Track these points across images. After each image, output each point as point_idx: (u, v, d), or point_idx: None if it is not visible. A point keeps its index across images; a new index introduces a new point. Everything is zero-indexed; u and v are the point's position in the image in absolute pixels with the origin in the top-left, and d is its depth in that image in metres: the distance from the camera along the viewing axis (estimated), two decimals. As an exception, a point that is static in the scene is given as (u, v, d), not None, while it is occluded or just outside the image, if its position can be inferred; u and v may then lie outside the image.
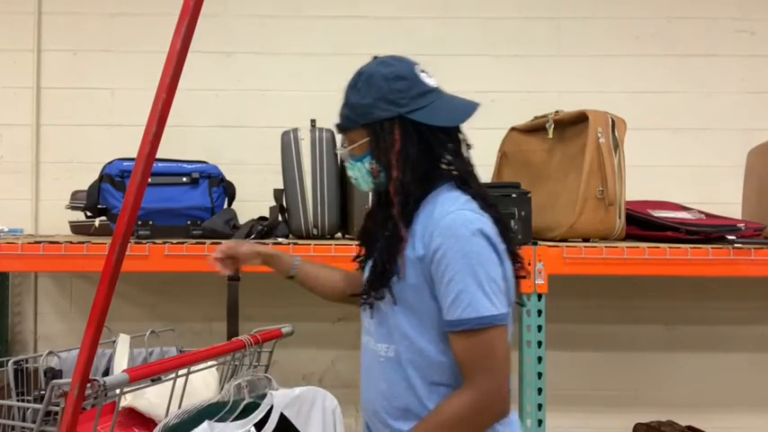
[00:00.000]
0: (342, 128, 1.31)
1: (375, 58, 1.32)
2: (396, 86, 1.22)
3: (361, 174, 1.29)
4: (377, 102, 1.22)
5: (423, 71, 1.27)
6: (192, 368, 1.39)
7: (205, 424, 1.27)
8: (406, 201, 1.21)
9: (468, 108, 1.25)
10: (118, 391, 1.18)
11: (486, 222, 1.17)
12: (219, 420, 1.33)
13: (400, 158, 1.20)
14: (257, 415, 1.38)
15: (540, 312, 1.86)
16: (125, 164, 2.04)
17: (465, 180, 1.24)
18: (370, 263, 1.30)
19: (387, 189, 1.24)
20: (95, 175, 2.08)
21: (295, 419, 1.43)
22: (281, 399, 1.43)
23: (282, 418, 1.41)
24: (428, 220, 1.18)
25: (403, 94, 1.21)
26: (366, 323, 1.32)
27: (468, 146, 1.30)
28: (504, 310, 1.15)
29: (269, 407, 1.41)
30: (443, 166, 1.25)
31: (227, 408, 1.38)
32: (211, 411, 1.36)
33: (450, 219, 1.15)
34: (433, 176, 1.24)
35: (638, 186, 2.25)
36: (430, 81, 1.26)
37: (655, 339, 2.64)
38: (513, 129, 2.34)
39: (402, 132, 1.20)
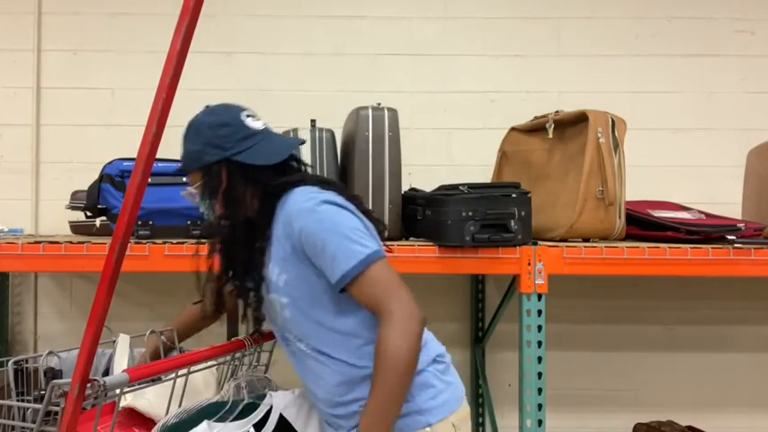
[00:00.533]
0: (182, 172, 1.45)
1: (206, 107, 1.43)
2: (220, 133, 1.35)
3: (206, 211, 1.42)
4: (204, 147, 1.35)
5: (249, 116, 1.40)
6: (192, 368, 1.39)
7: (204, 424, 1.27)
8: (247, 229, 1.37)
9: (289, 146, 1.42)
10: (118, 391, 1.18)
11: (327, 194, 1.32)
12: (219, 420, 1.33)
13: (227, 196, 1.35)
14: (256, 415, 1.38)
15: (540, 312, 1.86)
16: (125, 164, 2.04)
17: (300, 181, 1.37)
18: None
19: (224, 226, 1.39)
20: (95, 175, 2.08)
21: (294, 420, 1.43)
22: (280, 399, 1.43)
23: (281, 418, 1.41)
24: (282, 218, 1.33)
25: (227, 138, 1.34)
26: (280, 331, 1.42)
27: (307, 166, 1.49)
28: (377, 246, 1.28)
29: (268, 407, 1.41)
30: (277, 189, 1.36)
31: (227, 408, 1.38)
32: (211, 411, 1.36)
33: (297, 204, 1.31)
34: (268, 200, 1.37)
35: (638, 186, 2.25)
36: (255, 124, 1.39)
37: (655, 339, 2.64)
38: (513, 129, 2.34)
39: (228, 173, 1.35)
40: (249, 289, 1.40)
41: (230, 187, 1.35)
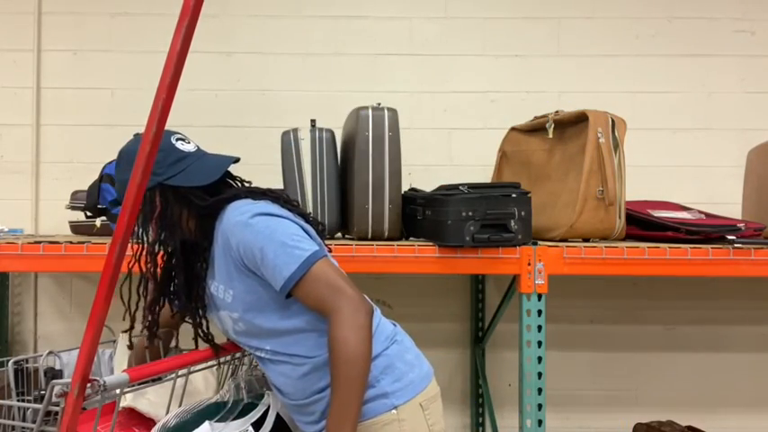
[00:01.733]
0: (117, 203, 1.45)
1: (135, 135, 1.44)
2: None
3: (143, 239, 1.40)
4: None
5: (180, 139, 1.41)
6: (192, 368, 1.39)
7: (206, 424, 1.27)
8: (188, 251, 1.40)
9: (221, 165, 1.40)
10: (118, 391, 1.18)
11: (260, 205, 1.33)
12: (220, 420, 1.33)
13: (161, 221, 1.36)
14: (254, 414, 1.38)
15: (540, 312, 1.86)
16: (125, 164, 2.03)
17: (233, 196, 1.37)
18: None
19: (160, 250, 1.39)
20: (95, 175, 2.08)
21: (289, 420, 1.44)
22: (278, 400, 1.43)
23: (279, 418, 1.41)
24: (220, 235, 1.35)
25: (159, 164, 1.34)
26: (239, 342, 1.43)
27: (245, 183, 1.48)
28: (316, 247, 1.30)
29: (266, 407, 1.41)
30: (212, 206, 1.37)
31: (228, 408, 1.38)
32: (211, 411, 1.36)
33: (231, 219, 1.32)
34: (205, 219, 1.38)
35: (638, 186, 2.25)
36: (186, 147, 1.40)
37: (655, 339, 2.64)
38: (513, 129, 2.34)
39: (161, 198, 1.35)
40: (192, 310, 1.42)
41: (165, 212, 1.36)
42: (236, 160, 1.43)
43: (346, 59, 2.63)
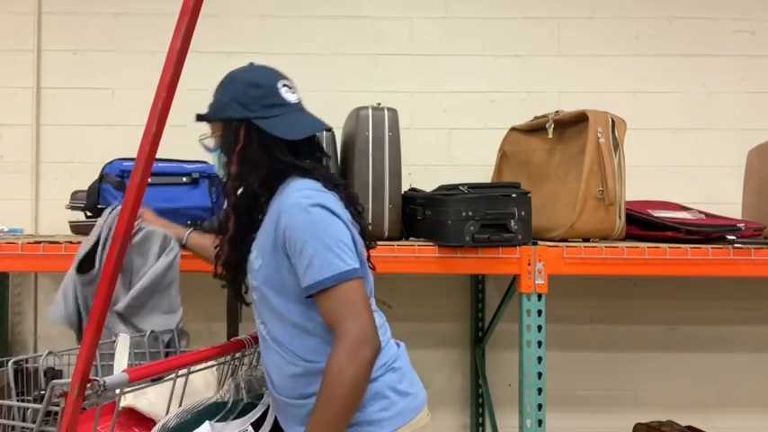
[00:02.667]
0: (201, 118, 1.45)
1: (250, 63, 1.44)
2: (250, 92, 1.35)
3: (217, 165, 1.43)
4: (231, 102, 1.35)
5: (286, 86, 1.38)
6: (192, 368, 1.39)
7: (206, 424, 1.27)
8: (247, 193, 1.37)
9: (311, 127, 1.37)
10: (118, 391, 1.18)
11: (327, 197, 1.29)
12: (220, 420, 1.33)
13: (240, 156, 1.33)
14: (254, 414, 1.38)
15: (540, 312, 1.86)
16: (125, 164, 2.04)
17: (309, 171, 1.34)
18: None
19: (229, 183, 1.37)
20: (95, 175, 2.08)
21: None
22: (279, 399, 1.43)
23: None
24: (275, 208, 1.32)
25: (255, 100, 1.33)
26: (253, 306, 1.43)
27: (326, 156, 1.45)
28: (357, 265, 1.25)
29: (266, 406, 1.41)
30: (288, 167, 1.35)
31: (228, 408, 1.38)
32: (211, 411, 1.36)
33: (292, 198, 1.28)
34: (275, 175, 1.35)
35: (638, 186, 2.25)
36: (288, 96, 1.37)
37: (655, 339, 2.64)
38: (513, 129, 2.34)
39: (246, 134, 1.33)
40: (234, 260, 1.42)
41: (245, 149, 1.33)
42: (328, 129, 1.41)
43: (346, 59, 2.63)
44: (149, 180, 1.08)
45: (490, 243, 1.82)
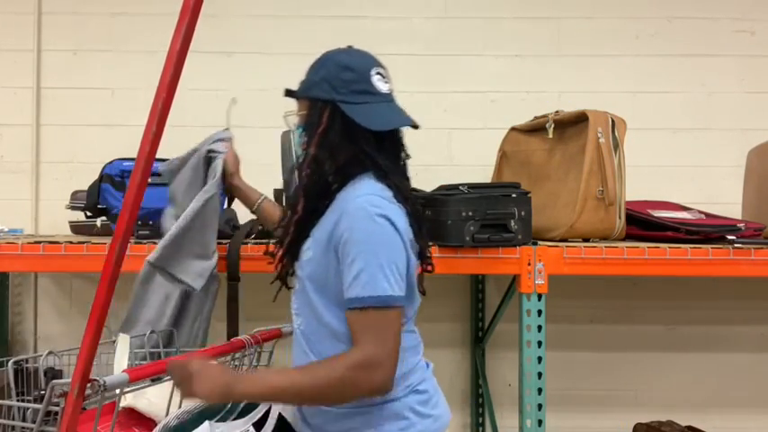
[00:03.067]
0: (290, 94, 1.41)
1: (348, 46, 1.40)
2: (341, 75, 1.30)
3: (296, 143, 1.40)
4: (322, 81, 1.31)
5: (379, 74, 1.34)
6: (192, 368, 1.38)
7: (206, 424, 1.27)
8: (320, 180, 1.29)
9: (397, 121, 1.32)
10: (118, 391, 1.18)
11: (394, 210, 1.23)
12: (220, 420, 1.33)
13: (321, 139, 1.28)
14: (255, 414, 1.38)
15: (540, 312, 1.86)
16: (125, 164, 2.04)
17: (385, 173, 1.29)
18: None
19: (303, 165, 1.32)
20: (95, 175, 2.08)
21: (293, 421, 1.43)
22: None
23: (281, 418, 1.41)
24: (341, 203, 1.26)
25: (345, 83, 1.29)
26: (292, 293, 1.40)
27: (406, 155, 1.40)
28: (402, 293, 1.20)
29: (267, 406, 1.41)
30: (365, 160, 1.29)
31: (228, 408, 1.38)
32: (211, 411, 1.36)
33: (359, 201, 1.22)
34: (352, 165, 1.29)
35: (638, 186, 2.24)
36: (381, 86, 1.32)
37: (655, 339, 2.64)
38: (513, 129, 2.34)
39: (330, 117, 1.28)
40: (292, 242, 1.35)
41: (326, 132, 1.28)
42: (415, 126, 1.36)
43: (346, 59, 2.63)
44: (149, 180, 1.08)
45: (490, 243, 1.82)
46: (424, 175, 2.48)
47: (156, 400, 1.43)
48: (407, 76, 2.62)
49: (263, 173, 2.46)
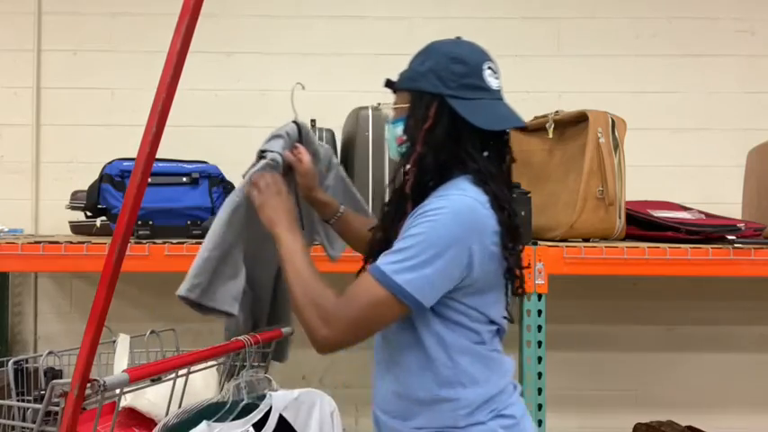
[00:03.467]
0: (390, 85, 1.30)
1: (457, 38, 1.29)
2: (452, 67, 1.20)
3: (391, 138, 1.30)
4: (428, 73, 1.21)
5: (490, 68, 1.24)
6: (192, 368, 1.39)
7: (203, 424, 1.27)
8: (421, 179, 1.21)
9: (509, 121, 1.22)
10: (118, 391, 1.18)
11: (487, 218, 1.14)
12: (218, 420, 1.33)
13: (427, 135, 1.19)
14: (255, 415, 1.38)
15: (540, 312, 1.86)
16: (125, 164, 2.04)
17: (484, 179, 1.18)
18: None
19: (405, 162, 1.23)
20: (95, 175, 2.08)
21: (294, 421, 1.43)
22: (280, 401, 1.43)
23: (281, 419, 1.41)
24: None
25: (455, 77, 1.19)
26: None
27: (512, 158, 1.28)
28: (421, 298, 1.10)
29: (267, 408, 1.41)
30: (468, 161, 1.20)
31: (226, 408, 1.38)
32: (210, 411, 1.36)
33: (452, 197, 1.14)
34: (452, 165, 1.21)
35: (638, 186, 2.25)
36: (492, 81, 1.23)
37: (655, 340, 2.64)
38: (513, 129, 2.33)
39: (437, 112, 1.19)
40: (374, 244, 1.28)
41: (433, 128, 1.19)
42: (524, 128, 1.27)
43: (346, 59, 2.63)
44: (149, 180, 1.08)
45: (490, 243, 1.81)
46: (424, 175, 2.50)
47: (156, 400, 1.43)
48: (407, 76, 2.63)
49: (263, 173, 2.47)
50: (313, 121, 2.06)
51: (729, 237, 1.95)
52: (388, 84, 1.30)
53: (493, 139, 1.23)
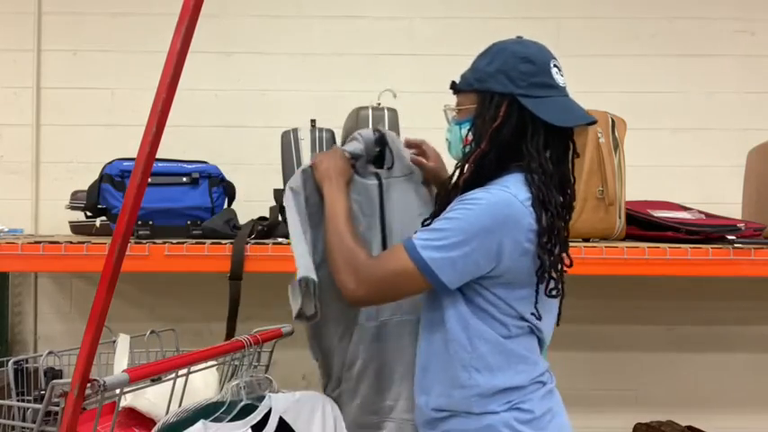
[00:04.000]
0: (455, 87, 1.33)
1: (518, 37, 1.31)
2: (521, 67, 1.22)
3: (454, 138, 1.32)
4: (497, 73, 1.23)
5: (556, 66, 1.26)
6: (192, 368, 1.39)
7: (200, 423, 1.27)
8: (477, 175, 1.24)
9: (580, 117, 1.25)
10: (118, 391, 1.18)
11: (526, 216, 1.17)
12: (215, 421, 1.33)
13: (494, 134, 1.21)
14: (255, 417, 1.38)
15: (540, 312, 1.85)
16: (125, 164, 2.04)
17: (535, 178, 1.20)
18: None
19: (466, 160, 1.25)
20: (95, 175, 2.08)
21: (294, 424, 1.43)
22: (280, 402, 1.43)
23: (282, 422, 1.41)
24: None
25: (525, 76, 1.21)
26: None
27: (576, 153, 1.29)
28: (438, 272, 1.16)
29: (267, 409, 1.41)
30: (528, 159, 1.22)
31: (224, 408, 1.38)
32: (209, 411, 1.36)
33: (495, 190, 1.18)
34: (509, 162, 1.24)
35: (638, 186, 2.25)
36: (558, 79, 1.25)
37: (655, 339, 2.64)
38: (513, 129, 2.33)
39: (507, 111, 1.21)
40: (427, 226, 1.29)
41: (501, 128, 1.21)
42: (594, 122, 1.28)
43: (346, 59, 2.63)
44: (149, 180, 1.08)
45: (490, 243, 1.81)
46: (424, 175, 2.49)
47: (156, 400, 1.43)
48: (407, 76, 2.63)
49: (264, 173, 2.47)
50: (313, 121, 2.07)
51: (729, 237, 1.95)
52: (454, 86, 1.33)
53: (557, 137, 1.24)
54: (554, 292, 1.26)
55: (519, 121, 1.21)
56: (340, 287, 1.25)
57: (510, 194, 1.17)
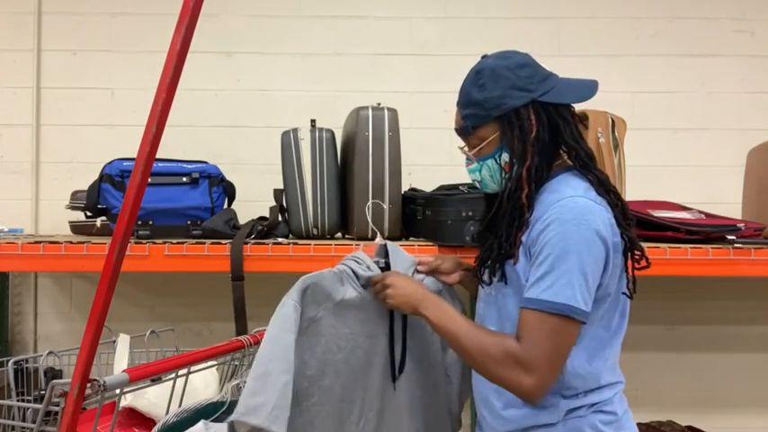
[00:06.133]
0: (468, 129, 1.33)
1: (484, 56, 1.36)
2: (522, 74, 1.27)
3: (491, 172, 1.31)
4: (507, 91, 1.25)
5: (534, 59, 1.32)
6: (192, 368, 1.39)
7: (201, 423, 1.27)
8: (536, 186, 1.23)
9: (591, 85, 1.31)
10: (118, 391, 1.18)
11: (600, 212, 1.17)
12: (216, 420, 1.33)
13: (536, 143, 1.23)
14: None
15: (540, 312, 1.85)
16: (125, 164, 2.04)
17: (585, 165, 1.24)
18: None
19: (517, 180, 1.24)
20: (95, 175, 2.08)
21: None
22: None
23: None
24: (544, 206, 1.20)
25: (530, 80, 1.26)
26: (479, 306, 1.36)
27: (585, 126, 1.33)
28: (586, 308, 1.14)
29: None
30: (572, 149, 1.26)
31: (225, 408, 1.38)
32: (209, 411, 1.36)
33: (563, 204, 1.17)
34: (554, 161, 1.26)
35: (638, 186, 2.25)
36: (546, 67, 1.30)
37: (655, 339, 2.64)
38: (513, 129, 2.33)
39: (536, 117, 1.24)
40: (490, 249, 1.28)
41: (539, 135, 1.23)
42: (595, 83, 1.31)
43: (346, 59, 2.63)
44: (149, 180, 1.08)
45: (490, 243, 1.81)
46: (424, 175, 2.49)
47: (156, 400, 1.43)
48: (407, 76, 2.63)
49: (264, 173, 2.48)
50: (313, 121, 2.07)
51: (729, 237, 1.95)
52: (463, 130, 1.35)
53: (574, 118, 1.29)
54: (644, 263, 1.31)
55: (549, 119, 1.25)
56: (513, 390, 1.17)
57: (582, 198, 1.18)
